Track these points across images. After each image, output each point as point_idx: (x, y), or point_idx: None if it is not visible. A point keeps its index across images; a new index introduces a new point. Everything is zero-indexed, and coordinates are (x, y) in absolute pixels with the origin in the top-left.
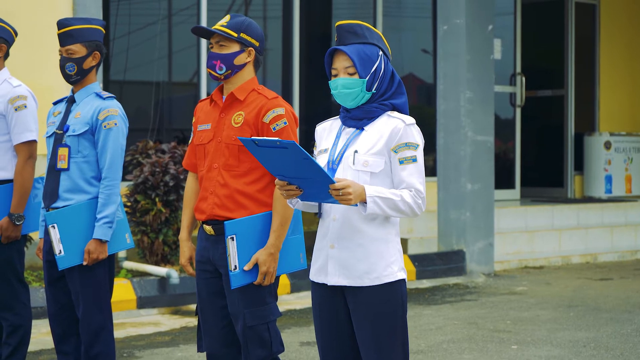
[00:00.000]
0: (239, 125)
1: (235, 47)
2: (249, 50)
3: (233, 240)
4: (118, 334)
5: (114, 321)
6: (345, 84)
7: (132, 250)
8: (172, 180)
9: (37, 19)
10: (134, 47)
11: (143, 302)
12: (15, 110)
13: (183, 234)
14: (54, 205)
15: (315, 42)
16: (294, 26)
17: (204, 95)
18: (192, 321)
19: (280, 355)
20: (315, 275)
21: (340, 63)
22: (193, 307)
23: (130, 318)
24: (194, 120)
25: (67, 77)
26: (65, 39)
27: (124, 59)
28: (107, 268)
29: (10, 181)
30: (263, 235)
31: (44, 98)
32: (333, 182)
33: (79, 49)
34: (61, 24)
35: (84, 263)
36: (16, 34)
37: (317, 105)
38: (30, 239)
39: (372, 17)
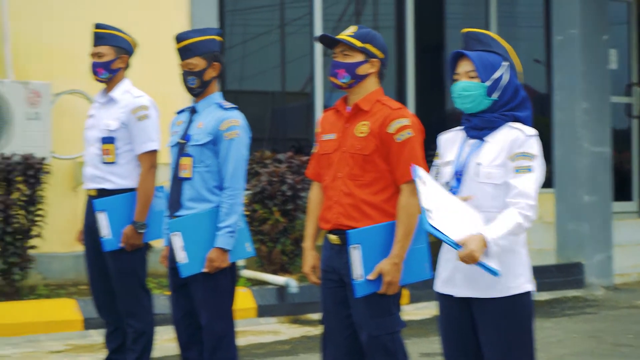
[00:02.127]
0: (363, 135)
1: (359, 57)
2: (373, 61)
3: (357, 249)
4: (239, 341)
5: (237, 328)
6: (465, 87)
7: (250, 259)
8: (290, 190)
9: (156, 29)
10: (248, 57)
11: (263, 311)
12: (138, 120)
13: (307, 243)
14: (177, 213)
15: (428, 52)
16: (407, 36)
17: (318, 105)
18: (312, 330)
19: None
20: (441, 287)
21: (463, 67)
22: (312, 316)
23: (250, 326)
24: (318, 130)
25: (190, 91)
26: (184, 53)
27: (239, 69)
28: (230, 276)
29: (133, 190)
30: (387, 245)
31: (164, 108)
32: (459, 248)
33: (198, 62)
34: (179, 37)
35: (205, 270)
36: (136, 45)
37: (431, 115)
38: (151, 247)
39: (485, 27)
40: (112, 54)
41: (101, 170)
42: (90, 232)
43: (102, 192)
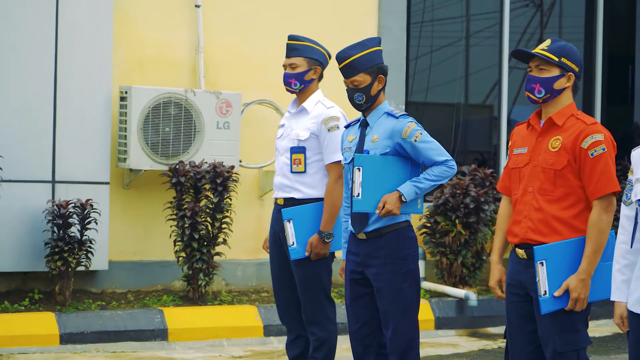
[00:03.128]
0: (556, 149)
1: (555, 72)
2: (569, 75)
3: (543, 265)
4: None
5: None
6: None
7: (430, 271)
8: (473, 203)
9: (345, 40)
10: (433, 68)
11: (441, 323)
12: (328, 131)
13: (494, 257)
14: (365, 230)
15: (617, 64)
16: (597, 48)
17: (503, 118)
18: (490, 344)
19: None
20: (633, 306)
21: None
22: (491, 330)
23: (428, 338)
24: (510, 144)
25: (358, 107)
26: (348, 71)
27: (424, 81)
28: (415, 287)
29: (320, 199)
30: (575, 261)
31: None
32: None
33: (363, 79)
34: (340, 57)
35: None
36: (330, 56)
37: (618, 129)
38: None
39: None
40: (305, 65)
41: (290, 179)
42: (276, 240)
43: (290, 201)
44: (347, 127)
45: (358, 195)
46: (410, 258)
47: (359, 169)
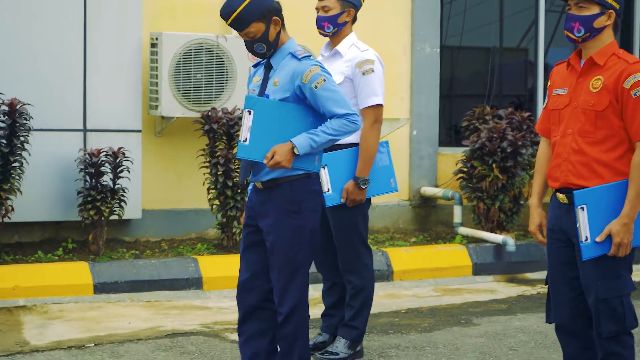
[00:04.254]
0: (597, 90)
1: (595, 9)
2: (609, 13)
3: (583, 210)
4: (454, 299)
5: (451, 286)
6: None
7: (467, 217)
8: (510, 147)
9: None
10: (467, 11)
11: (478, 269)
12: (363, 74)
13: (534, 200)
14: (259, 179)
15: None
16: None
17: (540, 61)
18: (529, 290)
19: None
20: None
21: None
22: (529, 275)
23: (466, 284)
24: (549, 84)
25: (262, 57)
26: (237, 24)
27: (459, 24)
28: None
29: (355, 145)
30: (617, 205)
31: (386, 63)
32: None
33: (257, 28)
34: (225, 13)
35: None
36: None
37: None
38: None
39: None
40: (338, 7)
41: None
42: None
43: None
44: (255, 66)
45: (245, 141)
46: (306, 212)
47: (249, 112)
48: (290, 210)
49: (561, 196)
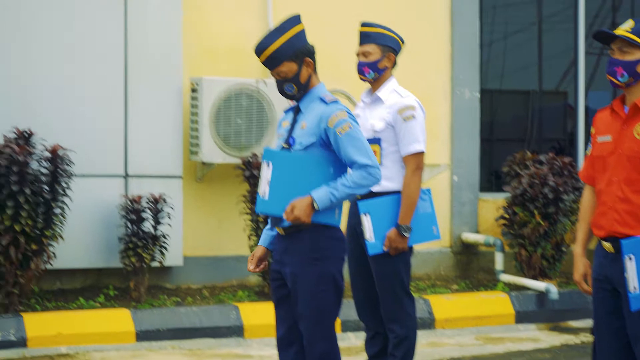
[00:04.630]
0: None
1: (639, 54)
2: None
3: (631, 260)
4: (497, 348)
5: (493, 335)
6: None
7: (508, 263)
8: (552, 193)
9: (418, 27)
10: (506, 54)
11: (521, 317)
12: (404, 120)
13: (578, 249)
14: (282, 224)
15: None
16: None
17: (580, 104)
18: (573, 339)
19: None
20: None
21: None
22: (573, 323)
23: (508, 332)
24: (592, 131)
25: (291, 98)
26: (270, 62)
27: (498, 67)
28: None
29: (397, 192)
30: None
31: (427, 107)
32: None
33: (288, 68)
34: (259, 50)
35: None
36: (403, 42)
37: None
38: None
39: None
40: (378, 52)
41: None
42: (353, 234)
43: (367, 194)
44: (286, 112)
45: (264, 195)
46: (330, 260)
47: (267, 164)
48: (313, 257)
49: (607, 245)
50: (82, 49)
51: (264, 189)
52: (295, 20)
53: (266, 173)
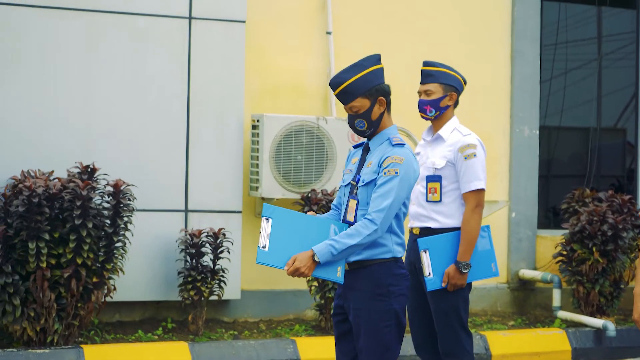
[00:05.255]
0: None
1: None
2: None
3: None
4: None
5: None
6: None
7: (566, 300)
8: (610, 230)
9: (478, 66)
10: (566, 90)
11: (578, 354)
12: (465, 159)
13: (638, 288)
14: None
15: None
16: None
17: None
18: None
19: None
20: None
21: None
22: None
23: None
24: None
25: (361, 134)
26: (343, 97)
27: (558, 103)
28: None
29: (457, 229)
30: None
31: (487, 145)
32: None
33: (361, 104)
34: (334, 83)
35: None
36: (465, 82)
37: None
38: None
39: None
40: (440, 91)
41: (426, 208)
42: (412, 270)
43: (426, 231)
44: (355, 147)
45: (264, 247)
46: (393, 296)
47: (267, 220)
48: (377, 293)
49: None
50: (145, 86)
51: (264, 242)
52: (375, 58)
53: (266, 227)
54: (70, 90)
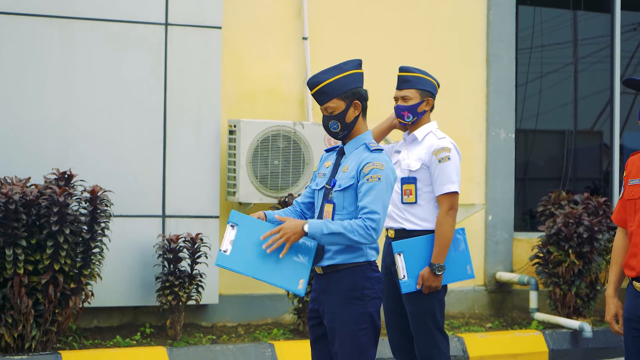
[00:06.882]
0: None
1: None
2: None
3: None
4: None
5: None
6: None
7: (543, 302)
8: (586, 232)
9: (455, 70)
10: (542, 94)
11: (555, 355)
12: (439, 162)
13: (610, 290)
14: (320, 264)
15: None
16: None
17: (615, 144)
18: None
19: None
20: None
21: None
22: None
23: None
24: (624, 174)
25: (334, 135)
26: (319, 97)
27: (534, 107)
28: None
29: (431, 232)
30: None
31: (460, 149)
32: None
33: (336, 105)
34: (311, 83)
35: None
36: (439, 86)
37: None
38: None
39: None
40: (417, 97)
41: (401, 209)
42: (387, 273)
43: (401, 232)
44: (328, 150)
45: (226, 251)
46: (367, 299)
47: (232, 226)
48: (352, 297)
49: (638, 285)
50: (122, 92)
51: (226, 246)
52: (356, 63)
53: (230, 233)
54: (46, 97)
